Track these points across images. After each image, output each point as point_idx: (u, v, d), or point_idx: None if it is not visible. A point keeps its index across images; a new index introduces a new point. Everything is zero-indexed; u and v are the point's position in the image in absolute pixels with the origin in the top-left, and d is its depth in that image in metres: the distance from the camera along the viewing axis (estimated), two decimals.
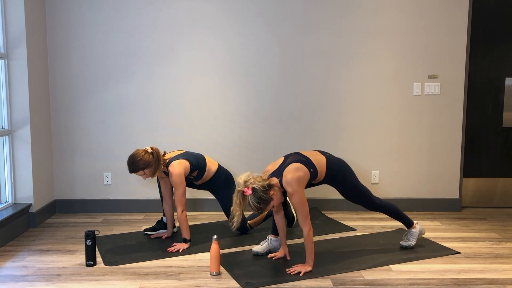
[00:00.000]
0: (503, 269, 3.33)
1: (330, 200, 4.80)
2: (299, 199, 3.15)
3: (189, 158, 3.79)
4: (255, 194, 3.05)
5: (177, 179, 3.65)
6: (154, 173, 3.66)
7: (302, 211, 3.16)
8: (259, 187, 3.05)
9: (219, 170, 3.98)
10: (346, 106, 4.72)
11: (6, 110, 4.17)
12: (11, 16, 4.10)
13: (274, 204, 3.16)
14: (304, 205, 3.16)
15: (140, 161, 3.58)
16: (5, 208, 4.07)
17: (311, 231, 3.19)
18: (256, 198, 3.05)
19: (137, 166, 3.59)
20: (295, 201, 3.15)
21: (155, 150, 3.66)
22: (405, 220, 3.66)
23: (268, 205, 3.11)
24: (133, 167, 3.60)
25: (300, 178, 3.18)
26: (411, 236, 3.69)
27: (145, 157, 3.60)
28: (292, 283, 3.09)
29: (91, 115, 4.67)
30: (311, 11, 4.61)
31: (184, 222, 3.70)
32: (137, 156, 3.60)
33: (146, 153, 3.61)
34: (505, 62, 4.79)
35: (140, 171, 3.61)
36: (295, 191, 3.14)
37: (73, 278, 3.17)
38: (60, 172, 4.73)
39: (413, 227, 3.70)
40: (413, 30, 4.64)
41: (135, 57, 4.61)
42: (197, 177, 3.90)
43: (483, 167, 4.92)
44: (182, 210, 3.67)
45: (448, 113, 4.74)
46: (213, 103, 4.69)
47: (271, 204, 3.14)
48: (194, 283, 3.09)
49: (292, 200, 3.16)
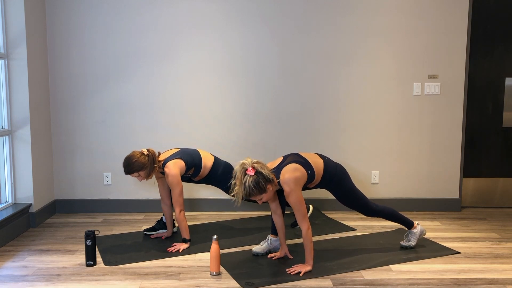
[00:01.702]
0: (503, 269, 3.33)
1: (330, 200, 4.80)
2: (296, 198, 3.16)
3: (183, 157, 3.79)
4: (256, 177, 3.07)
5: (173, 179, 3.66)
6: (149, 175, 3.68)
7: (299, 209, 3.17)
8: (263, 173, 3.09)
9: (215, 163, 3.96)
10: (346, 106, 4.72)
11: (6, 110, 4.17)
12: (11, 16, 4.11)
13: (265, 198, 3.17)
14: (302, 204, 3.18)
15: (135, 163, 3.60)
16: (5, 208, 4.07)
17: (309, 229, 3.20)
18: (255, 181, 3.07)
19: (132, 168, 3.61)
20: (292, 200, 3.16)
21: (151, 152, 3.68)
22: (405, 222, 3.67)
23: (259, 195, 3.12)
24: (128, 168, 3.63)
25: (297, 179, 3.19)
26: (412, 237, 3.70)
27: (140, 159, 3.61)
28: (292, 283, 3.09)
29: (91, 115, 4.67)
30: (311, 11, 4.61)
31: (182, 222, 3.70)
32: (133, 158, 3.62)
33: (142, 155, 3.63)
34: (505, 62, 4.79)
35: (135, 172, 3.63)
36: (292, 190, 3.15)
37: (73, 278, 3.17)
38: (60, 172, 4.73)
39: (413, 227, 3.70)
40: (413, 30, 4.64)
41: (135, 57, 4.61)
42: (194, 174, 3.90)
43: (483, 167, 4.92)
44: (180, 210, 3.68)
45: (448, 113, 4.74)
46: (213, 103, 4.69)
47: (262, 196, 3.14)
48: (194, 283, 3.09)
49: (290, 199, 3.17)
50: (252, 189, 3.08)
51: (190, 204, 4.77)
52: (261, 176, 3.09)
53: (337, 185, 3.45)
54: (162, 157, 3.78)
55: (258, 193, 3.11)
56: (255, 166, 3.10)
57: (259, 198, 3.17)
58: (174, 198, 3.68)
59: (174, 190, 3.67)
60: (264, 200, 3.20)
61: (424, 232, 3.74)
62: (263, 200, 3.20)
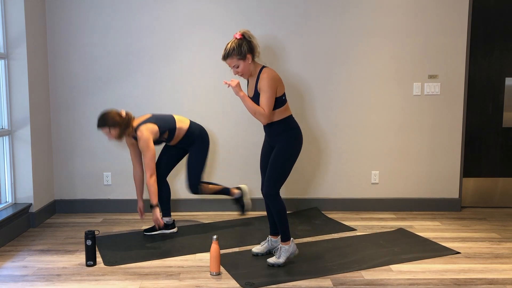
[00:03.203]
0: (503, 269, 3.33)
1: (330, 200, 4.81)
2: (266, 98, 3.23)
3: (156, 121, 3.83)
4: (241, 41, 3.19)
5: (145, 144, 3.71)
6: (120, 136, 3.74)
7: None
8: (251, 42, 3.23)
9: (191, 126, 4.00)
10: (346, 106, 4.72)
11: (6, 110, 4.17)
12: (11, 16, 4.11)
13: (241, 67, 3.23)
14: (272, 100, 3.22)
15: (109, 119, 3.67)
16: (5, 208, 4.07)
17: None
18: (238, 43, 3.19)
19: (105, 122, 3.68)
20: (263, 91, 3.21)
21: (128, 115, 3.76)
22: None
23: (236, 59, 3.19)
24: (101, 122, 3.70)
25: (274, 77, 3.24)
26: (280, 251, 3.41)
27: (115, 117, 3.69)
28: (292, 283, 3.09)
29: (91, 115, 4.67)
30: (311, 11, 4.61)
31: (152, 187, 3.75)
32: (109, 114, 3.70)
33: (118, 115, 3.71)
34: (505, 62, 4.79)
35: (107, 128, 3.70)
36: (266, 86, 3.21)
37: (73, 278, 3.17)
38: (60, 172, 4.73)
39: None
40: (413, 30, 4.64)
41: (135, 57, 4.61)
42: (169, 138, 3.93)
43: (483, 167, 4.92)
44: (151, 175, 3.73)
45: (448, 113, 4.74)
46: (213, 103, 4.69)
47: (239, 63, 3.21)
48: (194, 283, 3.09)
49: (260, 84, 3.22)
50: (233, 49, 3.17)
51: (190, 204, 4.77)
52: (247, 43, 3.20)
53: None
54: (136, 122, 3.82)
55: (237, 54, 3.19)
56: (246, 33, 3.22)
57: (236, 65, 3.22)
58: (145, 162, 3.72)
59: (146, 154, 3.71)
60: (240, 71, 3.25)
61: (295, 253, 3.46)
62: (239, 71, 3.25)
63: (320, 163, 4.77)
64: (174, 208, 4.73)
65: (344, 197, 4.82)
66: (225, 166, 4.74)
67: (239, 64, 3.23)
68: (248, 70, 3.28)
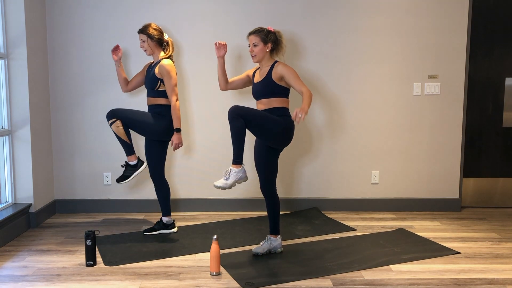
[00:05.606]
0: (503, 269, 3.33)
1: (330, 200, 4.80)
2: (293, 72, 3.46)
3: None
4: (271, 31, 3.49)
5: (169, 70, 3.83)
6: (151, 50, 3.92)
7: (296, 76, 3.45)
8: (280, 38, 3.51)
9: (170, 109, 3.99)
10: (346, 106, 4.72)
11: (6, 110, 4.17)
12: (11, 16, 4.10)
13: (258, 48, 3.46)
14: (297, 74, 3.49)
15: (152, 29, 3.89)
16: (5, 208, 4.07)
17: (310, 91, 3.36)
18: (268, 30, 3.48)
19: (147, 29, 3.88)
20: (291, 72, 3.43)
21: (170, 40, 3.99)
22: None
23: (260, 39, 3.44)
24: (144, 26, 3.91)
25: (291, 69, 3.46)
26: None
27: (158, 32, 3.90)
28: (292, 283, 3.09)
29: (91, 115, 4.67)
30: (311, 11, 4.61)
31: (178, 112, 3.88)
32: (155, 26, 3.92)
33: (161, 33, 3.93)
34: (505, 62, 4.79)
35: (145, 35, 3.88)
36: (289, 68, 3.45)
37: (73, 278, 3.17)
38: (60, 172, 4.73)
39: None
40: (413, 30, 4.64)
41: (135, 57, 4.61)
42: (165, 93, 3.93)
43: (483, 167, 4.92)
44: (177, 99, 3.88)
45: (448, 113, 4.74)
46: (213, 103, 4.69)
47: (260, 44, 3.45)
48: (194, 283, 3.09)
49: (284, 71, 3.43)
50: (263, 30, 3.47)
51: (190, 204, 4.77)
52: (275, 35, 3.49)
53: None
54: (163, 55, 3.96)
55: (261, 35, 3.45)
56: (279, 32, 3.53)
57: (255, 43, 3.46)
58: (170, 87, 3.84)
59: (170, 81, 3.83)
60: (255, 50, 3.47)
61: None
62: (255, 50, 3.47)
63: (320, 163, 4.77)
64: (174, 208, 4.73)
65: (344, 197, 4.82)
66: (225, 165, 4.73)
67: (258, 44, 3.46)
68: (262, 55, 3.50)
